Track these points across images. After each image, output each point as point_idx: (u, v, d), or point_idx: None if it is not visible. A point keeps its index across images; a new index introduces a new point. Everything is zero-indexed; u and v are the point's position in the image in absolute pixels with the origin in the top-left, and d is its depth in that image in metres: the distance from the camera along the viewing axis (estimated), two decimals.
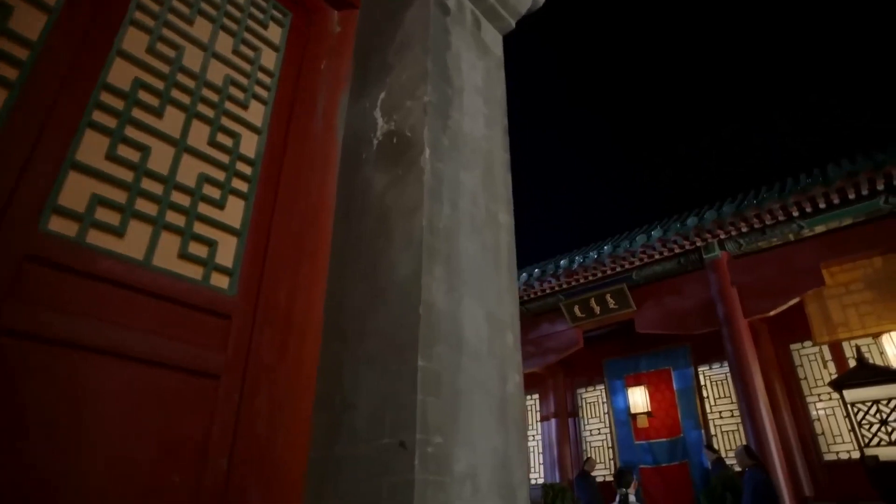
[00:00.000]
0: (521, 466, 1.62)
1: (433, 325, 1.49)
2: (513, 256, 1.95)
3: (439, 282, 1.57)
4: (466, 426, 1.48)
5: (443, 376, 1.47)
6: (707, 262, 7.31)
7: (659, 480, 8.39)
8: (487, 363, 1.64)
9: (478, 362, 1.60)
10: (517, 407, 1.69)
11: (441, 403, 1.43)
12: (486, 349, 1.65)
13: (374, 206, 1.80)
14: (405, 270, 1.58)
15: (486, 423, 1.54)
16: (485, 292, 1.73)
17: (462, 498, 1.38)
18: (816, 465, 7.16)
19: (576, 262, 7.79)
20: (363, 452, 1.43)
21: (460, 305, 1.61)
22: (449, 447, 1.40)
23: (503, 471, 1.54)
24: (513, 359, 1.75)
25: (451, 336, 1.54)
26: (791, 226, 6.80)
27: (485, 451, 1.51)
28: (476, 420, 1.52)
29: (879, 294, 6.36)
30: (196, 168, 1.68)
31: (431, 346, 1.47)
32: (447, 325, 1.54)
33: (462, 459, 1.43)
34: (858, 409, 4.56)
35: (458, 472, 1.40)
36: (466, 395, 1.52)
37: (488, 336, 1.68)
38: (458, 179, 1.82)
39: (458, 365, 1.53)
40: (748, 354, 6.71)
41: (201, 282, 1.58)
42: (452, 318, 1.56)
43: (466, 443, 1.45)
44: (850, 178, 6.01)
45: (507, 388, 1.68)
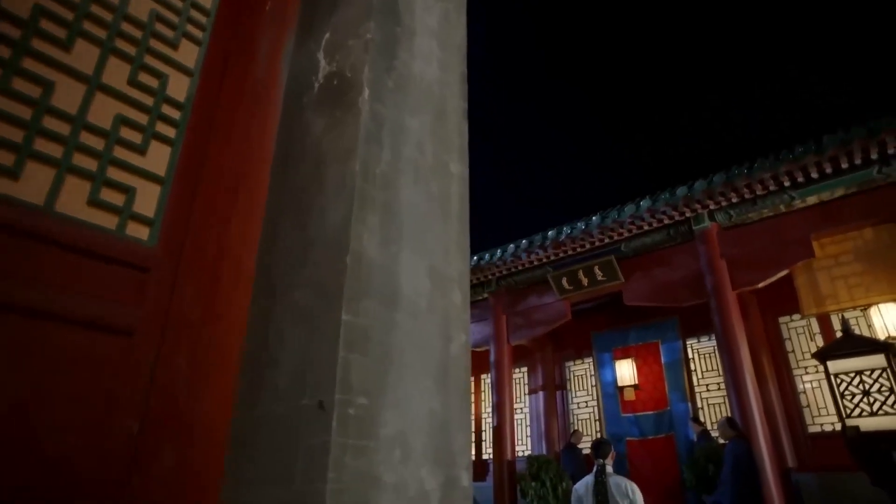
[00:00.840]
0: (463, 431, 1.51)
1: (362, 277, 1.37)
2: (465, 209, 1.82)
3: (372, 231, 1.44)
4: (399, 387, 1.36)
5: (372, 333, 1.35)
6: (697, 233, 7.18)
7: (645, 453, 8.41)
8: (428, 321, 1.52)
9: (416, 319, 1.48)
10: (461, 369, 1.58)
11: (368, 362, 1.31)
12: (427, 306, 1.53)
13: (310, 152, 1.66)
14: (335, 218, 1.45)
15: (423, 385, 1.43)
16: (429, 245, 1.60)
17: (389, 463, 1.27)
18: (800, 437, 7.16)
19: (564, 234, 7.65)
20: (282, 413, 1.32)
21: (398, 258, 1.49)
22: (375, 409, 1.29)
23: (441, 436, 1.44)
24: (459, 318, 1.63)
25: (385, 290, 1.41)
26: (783, 196, 6.66)
27: (420, 415, 1.39)
28: (411, 381, 1.40)
29: (869, 266, 6.26)
30: (112, 109, 1.53)
31: (359, 299, 1.34)
32: (380, 277, 1.41)
33: (391, 423, 1.31)
34: (842, 380, 4.49)
35: (385, 436, 1.29)
36: (400, 353, 1.40)
37: (430, 292, 1.55)
38: (403, 124, 1.68)
39: (392, 321, 1.41)
40: (735, 327, 6.63)
41: (115, 231, 1.45)
42: (387, 271, 1.44)
43: (397, 405, 1.34)
44: (843, 146, 5.86)
45: (451, 349, 1.57)
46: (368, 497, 1.20)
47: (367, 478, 1.21)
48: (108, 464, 1.28)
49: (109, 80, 1.53)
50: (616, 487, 3.83)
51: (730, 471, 4.98)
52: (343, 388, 1.23)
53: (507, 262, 8.44)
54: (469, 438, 1.52)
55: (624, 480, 3.91)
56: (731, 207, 6.98)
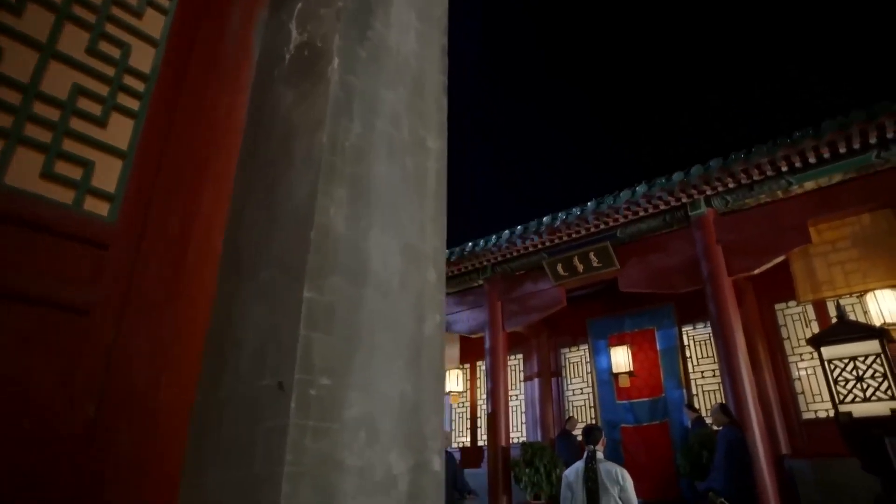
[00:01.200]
0: (436, 414, 1.46)
1: (328, 253, 1.31)
2: (442, 186, 1.76)
3: (340, 206, 1.38)
4: (366, 368, 1.31)
5: (338, 311, 1.29)
6: (693, 219, 7.11)
7: (639, 439, 8.41)
8: (400, 299, 1.46)
9: (387, 298, 1.42)
10: (435, 349, 1.52)
11: (333, 341, 1.25)
12: (399, 284, 1.47)
13: (280, 125, 1.60)
14: (301, 193, 1.39)
15: (393, 366, 1.37)
16: (402, 222, 1.54)
17: (354, 447, 1.22)
18: (795, 424, 7.15)
19: (559, 219, 7.58)
20: (244, 395, 1.26)
21: (368, 234, 1.42)
22: (340, 390, 1.23)
23: (412, 419, 1.38)
24: (434, 297, 1.57)
25: (353, 267, 1.35)
26: (780, 182, 6.58)
27: (389, 397, 1.34)
28: (380, 361, 1.35)
29: (866, 252, 6.20)
30: (69, 78, 1.46)
31: (324, 276, 1.28)
32: (347, 254, 1.35)
33: (357, 404, 1.26)
34: (835, 365, 4.45)
35: (350, 418, 1.23)
36: (369, 333, 1.34)
37: (403, 270, 1.49)
38: (377, 96, 1.61)
39: (360, 299, 1.35)
40: (730, 313, 6.59)
41: (71, 206, 1.39)
42: (355, 247, 1.37)
43: (364, 386, 1.29)
44: (842, 130, 5.78)
45: (424, 329, 1.51)
46: (331, 481, 1.15)
47: (328, 461, 1.16)
48: (62, 448, 1.23)
49: (66, 49, 1.46)
50: (607, 474, 3.81)
51: (722, 457, 4.96)
52: (304, 368, 1.18)
53: (502, 248, 8.38)
54: (441, 422, 1.47)
55: (614, 466, 3.89)
56: (727, 193, 6.90)
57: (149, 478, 1.34)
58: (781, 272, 6.86)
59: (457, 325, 9.38)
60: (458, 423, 10.71)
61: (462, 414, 10.68)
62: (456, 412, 10.78)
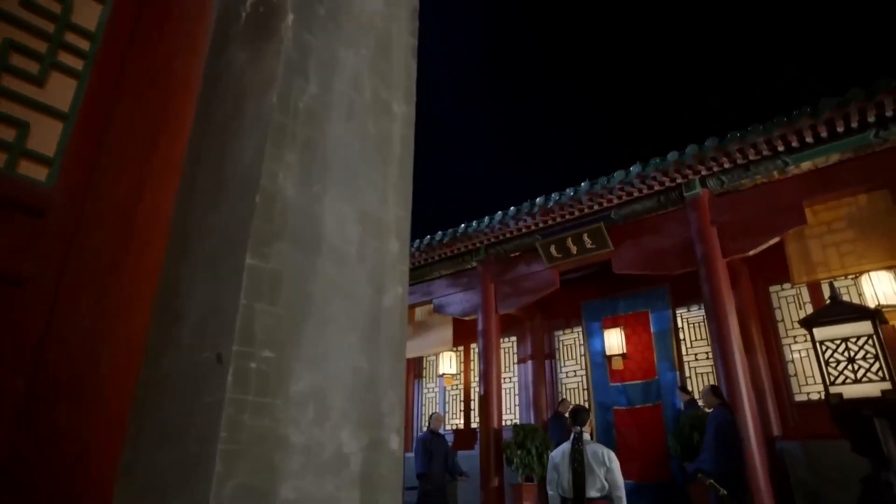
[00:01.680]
0: (394, 390, 1.38)
1: (274, 219, 1.22)
2: (409, 152, 1.67)
3: (290, 170, 1.29)
4: (317, 340, 1.23)
5: (285, 280, 1.20)
6: (687, 200, 7.01)
7: (632, 422, 8.41)
8: (357, 270, 1.38)
9: (342, 268, 1.34)
10: (395, 323, 1.44)
11: (278, 311, 1.17)
12: (357, 254, 1.39)
13: (233, 86, 1.50)
14: (249, 155, 1.30)
15: (347, 339, 1.30)
16: (362, 189, 1.45)
17: (300, 423, 1.14)
18: (787, 406, 7.13)
19: (552, 200, 7.47)
20: (184, 369, 1.18)
21: (321, 200, 1.34)
22: (285, 364, 1.15)
23: (368, 395, 1.31)
24: (396, 268, 1.49)
25: (303, 234, 1.27)
26: (776, 162, 6.47)
27: (342, 372, 1.26)
28: (332, 334, 1.27)
29: (861, 233, 6.12)
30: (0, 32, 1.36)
31: (270, 242, 1.20)
32: (297, 220, 1.26)
33: (305, 379, 1.18)
34: (827, 347, 4.39)
35: (296, 393, 1.15)
36: (321, 304, 1.26)
37: (361, 239, 1.41)
38: (335, 56, 1.51)
39: (311, 268, 1.26)
40: (724, 295, 6.52)
41: (3, 170, 1.30)
42: (306, 213, 1.29)
43: (314, 360, 1.21)
44: (839, 108, 5.66)
45: (384, 301, 1.43)
46: (272, 459, 1.08)
47: (270, 438, 1.09)
48: None
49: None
50: (593, 455, 3.76)
51: (712, 438, 4.93)
52: (243, 340, 1.10)
53: (495, 229, 8.28)
54: (401, 398, 1.40)
55: (601, 448, 3.84)
56: (723, 173, 6.80)
57: (88, 455, 1.27)
58: (776, 254, 6.78)
59: (450, 308, 9.32)
60: (451, 405, 10.71)
61: (456, 396, 10.68)
62: (450, 394, 10.78)
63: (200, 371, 1.14)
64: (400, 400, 1.39)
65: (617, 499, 3.72)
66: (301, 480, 1.12)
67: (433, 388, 11.11)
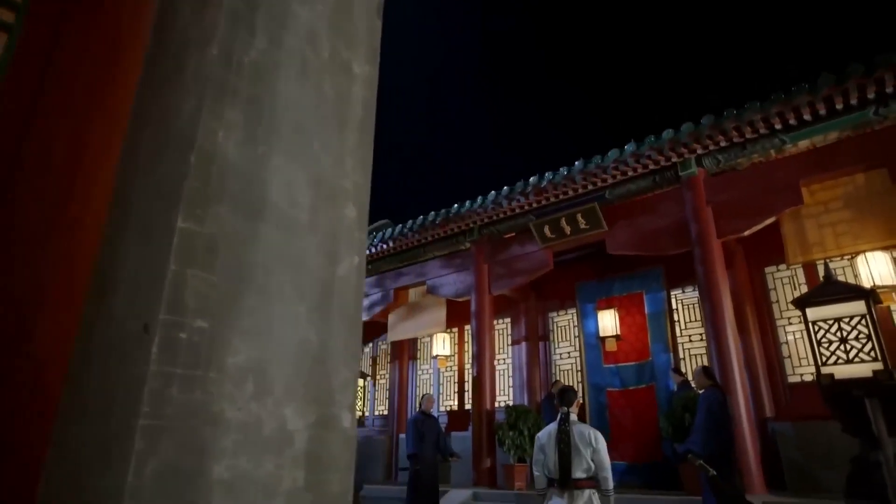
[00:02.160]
0: (347, 366, 1.30)
1: (212, 180, 1.13)
2: (370, 115, 1.57)
3: (231, 129, 1.19)
4: (259, 311, 1.14)
5: (223, 245, 1.12)
6: (683, 179, 6.91)
7: (625, 403, 8.39)
8: (307, 237, 1.29)
9: (290, 234, 1.25)
10: (349, 294, 1.36)
11: (214, 279, 1.09)
12: (308, 220, 1.30)
13: (177, 39, 1.39)
14: (187, 112, 1.20)
15: (295, 310, 1.21)
16: (315, 152, 1.36)
17: (237, 399, 1.06)
18: (780, 387, 7.10)
19: (545, 180, 7.36)
20: (114, 340, 1.10)
21: (267, 162, 1.24)
22: (221, 335, 1.07)
23: (317, 370, 1.23)
24: (352, 236, 1.40)
25: (245, 197, 1.18)
26: (773, 141, 6.36)
27: (287, 345, 1.18)
28: (277, 304, 1.18)
29: (858, 213, 6.03)
30: None
31: (206, 205, 1.11)
32: (239, 182, 1.17)
33: (243, 351, 1.10)
34: (819, 327, 4.32)
35: (233, 366, 1.07)
36: (265, 272, 1.17)
37: (313, 205, 1.32)
38: (288, 10, 1.41)
39: (254, 234, 1.18)
40: (718, 276, 6.45)
41: None
42: (250, 176, 1.20)
43: (255, 332, 1.13)
44: (839, 85, 5.53)
45: (338, 271, 1.34)
46: (202, 436, 1.00)
47: (200, 414, 1.01)
48: None
49: None
50: (580, 435, 3.72)
51: (703, 419, 4.88)
52: (172, 308, 1.02)
53: (488, 209, 8.18)
54: (354, 373, 1.32)
55: (588, 428, 3.79)
56: (719, 152, 6.68)
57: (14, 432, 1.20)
58: (772, 235, 6.70)
59: (443, 289, 9.26)
60: (445, 387, 10.71)
61: (450, 378, 10.67)
62: (444, 376, 10.77)
63: (128, 342, 1.06)
64: (354, 375, 1.32)
65: (603, 479, 3.68)
66: (236, 459, 1.04)
67: (427, 369, 11.10)
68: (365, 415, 11.44)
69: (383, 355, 12.03)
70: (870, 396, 3.93)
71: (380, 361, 12.07)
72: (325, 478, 1.19)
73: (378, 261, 10.26)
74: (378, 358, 12.14)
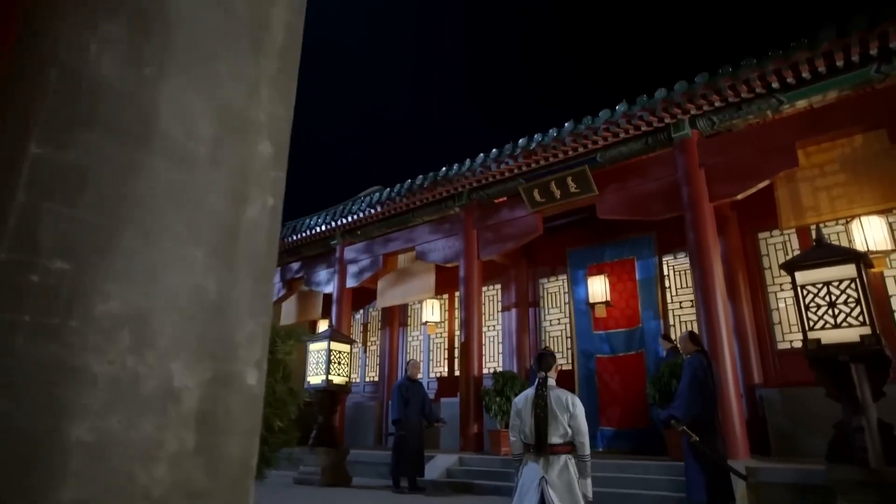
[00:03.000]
0: (255, 318, 1.16)
1: (80, 101, 0.97)
2: (295, 43, 1.40)
3: (109, 44, 1.03)
4: (138, 252, 1.00)
5: (93, 177, 0.96)
6: (676, 141, 6.70)
7: (614, 369, 8.35)
8: (208, 173, 1.13)
9: (186, 169, 1.10)
10: (261, 239, 1.21)
11: (78, 214, 0.94)
12: (209, 154, 1.14)
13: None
14: (57, 25, 1.03)
15: (187, 254, 1.07)
16: (221, 79, 1.20)
17: (106, 351, 0.93)
18: (769, 354, 7.04)
19: (535, 142, 7.15)
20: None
21: (157, 86, 1.08)
22: (86, 278, 0.93)
23: (214, 321, 1.09)
24: (266, 175, 1.25)
25: (126, 124, 1.02)
26: (770, 100, 6.13)
27: (175, 292, 1.04)
28: (165, 247, 1.04)
29: (854, 176, 5.85)
30: None
31: (71, 130, 0.95)
32: (116, 106, 1.01)
33: (117, 298, 0.96)
34: (808, 291, 4.21)
35: (102, 314, 0.93)
36: (150, 210, 1.02)
37: (216, 137, 1.16)
38: None
39: (136, 166, 1.02)
40: (709, 241, 6.31)
41: None
42: (132, 100, 1.04)
43: (132, 276, 0.98)
44: (840, 39, 5.28)
45: (247, 213, 1.19)
46: (59, 393, 0.87)
47: (59, 368, 0.87)
48: None
49: None
50: (556, 400, 3.62)
51: (686, 384, 4.81)
52: (20, 246, 0.87)
53: (477, 172, 7.98)
54: (265, 327, 1.18)
55: (565, 393, 3.70)
56: (714, 113, 6.46)
57: None
58: (766, 200, 6.54)
59: (432, 254, 9.13)
60: (436, 353, 10.68)
61: (440, 345, 10.63)
62: (434, 342, 10.73)
63: None
64: (263, 329, 1.18)
65: (580, 445, 3.60)
66: (103, 419, 0.91)
67: (418, 336, 11.06)
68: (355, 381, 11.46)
69: (374, 322, 11.98)
70: (855, 361, 3.84)
71: (370, 328, 12.03)
72: (222, 440, 1.07)
73: (367, 226, 10.10)
74: (369, 325, 12.10)
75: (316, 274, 11.02)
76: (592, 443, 8.15)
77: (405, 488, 6.66)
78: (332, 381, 7.72)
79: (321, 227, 10.34)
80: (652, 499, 5.35)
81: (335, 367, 7.84)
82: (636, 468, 5.98)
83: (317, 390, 7.75)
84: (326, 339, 7.90)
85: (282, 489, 6.87)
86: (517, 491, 3.61)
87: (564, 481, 3.51)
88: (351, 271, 10.35)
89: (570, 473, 3.53)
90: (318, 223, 10.33)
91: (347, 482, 7.43)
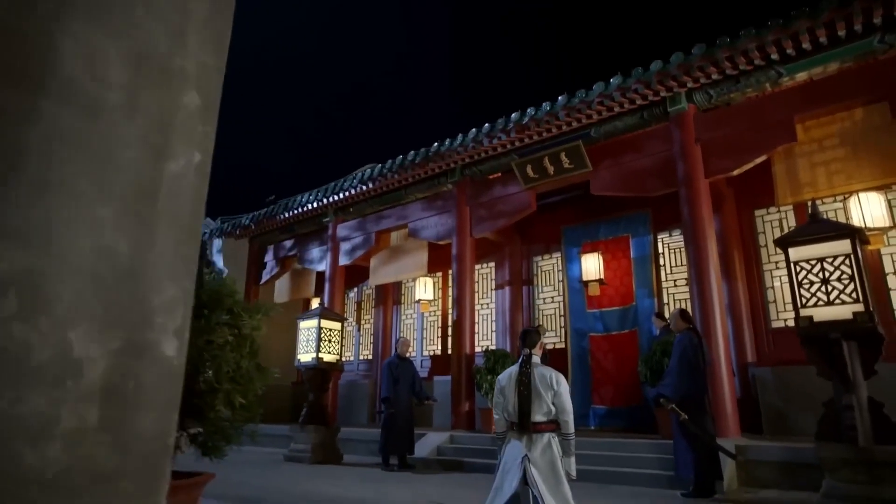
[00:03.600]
0: (176, 282, 1.06)
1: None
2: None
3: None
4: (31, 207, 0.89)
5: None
6: (672, 116, 6.53)
7: (608, 347, 8.31)
8: (121, 124, 1.02)
9: (92, 117, 0.99)
10: (185, 197, 1.10)
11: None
12: (122, 103, 1.03)
13: None
14: None
15: (93, 211, 0.96)
16: (138, 22, 1.08)
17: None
18: (763, 333, 6.98)
19: (528, 116, 6.98)
20: None
21: (55, 24, 0.96)
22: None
23: (126, 285, 0.99)
24: (191, 128, 1.14)
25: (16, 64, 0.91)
26: (769, 73, 5.96)
27: (77, 252, 0.93)
28: (65, 202, 0.93)
29: (853, 150, 5.71)
30: None
31: None
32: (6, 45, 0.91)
33: (5, 259, 0.86)
34: (801, 267, 4.11)
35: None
36: (46, 161, 0.92)
37: (131, 85, 1.05)
38: None
39: (29, 112, 0.91)
40: (704, 217, 6.19)
41: None
42: (23, 39, 0.92)
43: (22, 233, 0.88)
44: (842, 8, 5.10)
45: (168, 169, 1.09)
46: None
47: None
48: None
49: None
50: (541, 378, 3.55)
51: (675, 363, 4.75)
52: None
53: (469, 147, 7.82)
54: (187, 291, 1.08)
55: (549, 370, 3.62)
56: (711, 86, 6.29)
57: None
58: (763, 177, 6.41)
59: (425, 232, 9.01)
60: (429, 331, 10.64)
61: (434, 323, 10.58)
62: (427, 321, 10.68)
63: None
64: (185, 294, 1.08)
65: (563, 423, 3.53)
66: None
67: (411, 314, 11.01)
68: (349, 359, 11.44)
69: (368, 300, 11.92)
70: (847, 338, 3.76)
71: (364, 306, 11.97)
72: (132, 416, 0.97)
73: (359, 203, 9.97)
74: (363, 303, 12.04)
75: (309, 252, 10.92)
76: (585, 421, 8.12)
77: (394, 466, 6.65)
78: (322, 358, 7.67)
79: (314, 204, 10.21)
80: (642, 476, 5.33)
81: (326, 345, 7.78)
82: (627, 446, 5.95)
83: (307, 368, 7.71)
84: (317, 316, 7.84)
85: (271, 466, 6.86)
86: (499, 469, 3.55)
87: (547, 460, 3.45)
88: (344, 249, 10.25)
89: (554, 452, 3.47)
90: (311, 200, 10.20)
91: (338, 460, 7.43)
